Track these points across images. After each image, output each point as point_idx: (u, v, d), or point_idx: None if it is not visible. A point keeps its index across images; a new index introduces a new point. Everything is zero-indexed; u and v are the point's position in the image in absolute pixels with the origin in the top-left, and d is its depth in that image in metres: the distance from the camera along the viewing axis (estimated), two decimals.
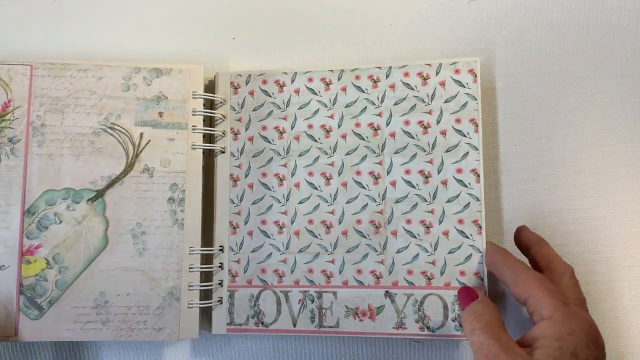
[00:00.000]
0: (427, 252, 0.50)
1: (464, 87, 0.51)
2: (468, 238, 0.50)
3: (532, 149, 0.55)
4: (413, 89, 0.52)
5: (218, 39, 0.59)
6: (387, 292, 0.50)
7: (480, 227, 0.49)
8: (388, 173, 0.52)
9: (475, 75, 0.51)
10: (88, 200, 0.51)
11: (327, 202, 0.52)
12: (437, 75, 0.52)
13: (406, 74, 0.52)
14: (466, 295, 0.46)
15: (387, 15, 0.58)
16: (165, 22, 0.59)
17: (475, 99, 0.51)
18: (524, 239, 0.50)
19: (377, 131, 0.52)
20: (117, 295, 0.50)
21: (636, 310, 0.53)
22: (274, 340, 0.55)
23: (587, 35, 0.56)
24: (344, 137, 0.53)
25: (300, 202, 0.53)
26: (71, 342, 0.54)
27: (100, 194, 0.51)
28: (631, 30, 0.56)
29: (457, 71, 0.51)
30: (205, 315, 0.53)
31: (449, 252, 0.50)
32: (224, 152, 0.54)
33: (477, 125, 0.51)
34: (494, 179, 0.55)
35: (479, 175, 0.50)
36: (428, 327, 0.49)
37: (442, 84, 0.52)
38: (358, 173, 0.52)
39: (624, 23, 0.56)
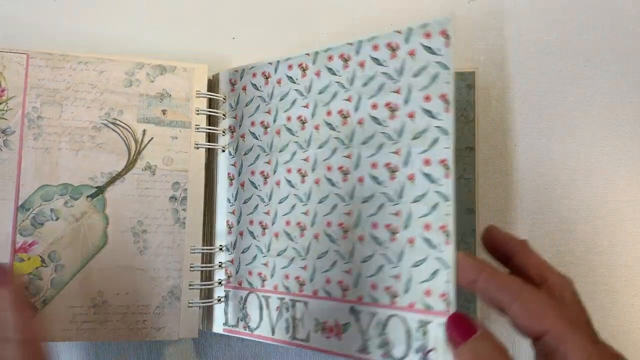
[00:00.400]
0: (392, 263, 0.41)
1: (435, 54, 0.40)
2: (435, 248, 0.38)
3: (532, 149, 0.55)
4: (382, 65, 0.43)
5: (218, 39, 0.58)
6: (352, 307, 0.43)
7: (447, 235, 0.38)
8: (356, 168, 0.44)
9: (448, 37, 0.39)
10: (87, 196, 0.49)
11: (302, 201, 0.47)
12: (406, 43, 0.42)
13: (375, 47, 0.43)
14: (460, 326, 0.35)
15: (387, 15, 0.58)
16: (165, 21, 0.58)
17: (447, 68, 0.39)
18: (503, 243, 0.39)
19: (347, 119, 0.45)
20: (116, 294, 0.49)
21: (636, 310, 0.53)
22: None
23: (587, 35, 0.57)
24: (317, 128, 0.46)
25: (280, 202, 0.48)
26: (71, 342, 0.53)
27: (100, 190, 0.50)
28: (631, 30, 0.57)
29: (427, 35, 0.41)
30: (206, 314, 0.52)
31: (414, 265, 0.39)
32: (224, 151, 0.53)
33: (448, 103, 0.39)
34: (494, 179, 0.55)
35: (448, 168, 0.38)
36: (391, 356, 0.40)
37: (412, 53, 0.41)
38: (329, 169, 0.45)
39: (624, 23, 0.57)
